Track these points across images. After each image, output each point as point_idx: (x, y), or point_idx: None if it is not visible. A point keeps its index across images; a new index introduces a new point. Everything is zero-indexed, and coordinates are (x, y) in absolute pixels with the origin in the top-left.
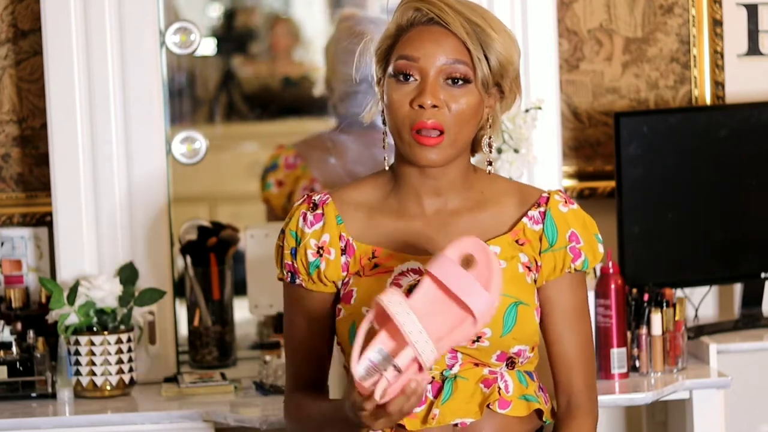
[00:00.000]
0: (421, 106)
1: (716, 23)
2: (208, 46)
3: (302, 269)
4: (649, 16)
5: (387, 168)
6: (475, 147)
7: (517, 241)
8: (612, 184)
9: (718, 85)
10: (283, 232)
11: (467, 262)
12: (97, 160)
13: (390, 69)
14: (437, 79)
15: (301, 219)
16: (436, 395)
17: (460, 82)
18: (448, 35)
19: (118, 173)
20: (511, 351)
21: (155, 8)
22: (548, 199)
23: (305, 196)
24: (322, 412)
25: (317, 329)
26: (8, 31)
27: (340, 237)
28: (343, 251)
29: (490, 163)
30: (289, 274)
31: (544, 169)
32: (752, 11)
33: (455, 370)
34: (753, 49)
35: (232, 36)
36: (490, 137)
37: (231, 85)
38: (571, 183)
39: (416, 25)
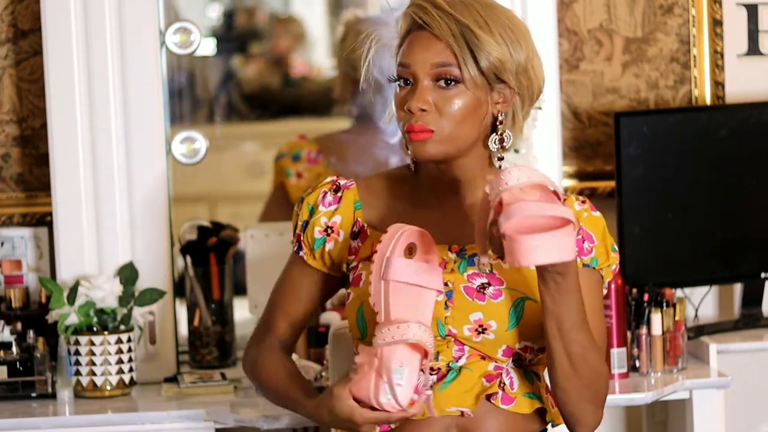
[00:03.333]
0: (410, 110)
1: (716, 23)
2: (208, 46)
3: (307, 243)
4: (649, 16)
5: (411, 166)
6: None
7: None
8: (612, 184)
9: (718, 85)
10: (302, 200)
11: (409, 251)
12: (97, 160)
13: (392, 74)
14: (428, 82)
15: (320, 196)
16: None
17: (452, 83)
18: (436, 39)
19: (118, 173)
20: (517, 347)
21: (155, 8)
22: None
23: (335, 179)
24: (291, 396)
25: (304, 301)
26: (8, 31)
27: (356, 222)
28: (356, 235)
29: (501, 159)
30: (297, 243)
31: (544, 169)
32: (752, 11)
33: (461, 362)
34: (753, 49)
35: (232, 36)
36: (501, 133)
37: (231, 85)
38: (571, 183)
39: (413, 31)
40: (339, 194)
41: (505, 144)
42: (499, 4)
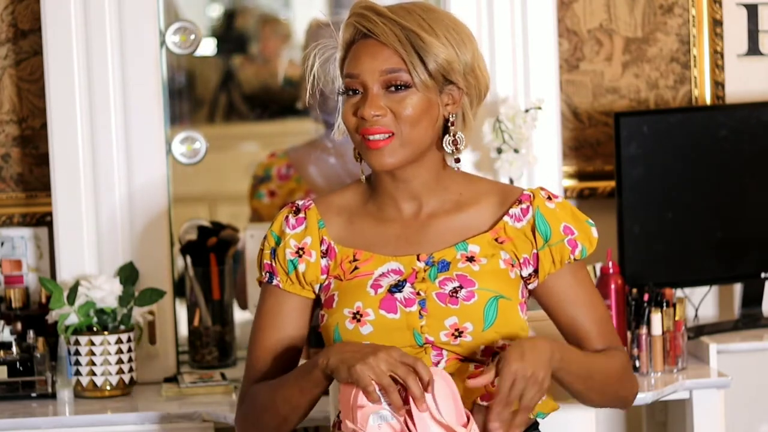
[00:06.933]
0: (363, 117)
1: (716, 23)
2: (208, 46)
3: (280, 269)
4: (649, 16)
5: (363, 179)
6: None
7: (496, 239)
8: (612, 184)
9: (718, 85)
10: (265, 236)
11: None
12: (97, 160)
13: (340, 87)
14: (378, 90)
15: (283, 222)
16: None
17: (402, 88)
18: (383, 46)
19: (118, 173)
20: (496, 346)
21: (155, 8)
22: (531, 197)
23: (291, 203)
24: (283, 377)
25: (287, 335)
26: (8, 31)
27: (322, 240)
28: (325, 254)
29: (458, 161)
30: (267, 274)
31: (544, 169)
32: (752, 11)
33: (441, 366)
34: (753, 49)
35: (232, 36)
36: (454, 134)
37: (231, 85)
38: (571, 183)
39: (356, 41)
40: (301, 215)
41: (459, 146)
42: (439, 8)
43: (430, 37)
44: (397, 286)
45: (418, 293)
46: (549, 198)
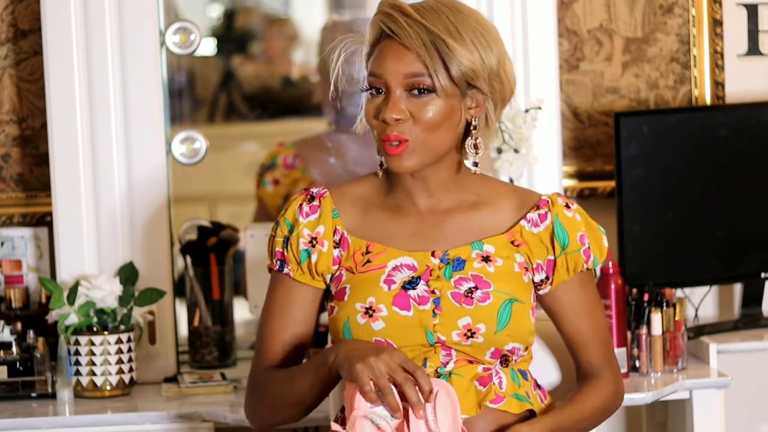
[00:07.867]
0: (385, 121)
1: (716, 23)
2: (208, 46)
3: (292, 258)
4: (649, 16)
5: (380, 173)
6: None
7: (512, 242)
8: (612, 184)
9: (718, 85)
10: (277, 223)
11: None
12: (97, 160)
13: (364, 84)
14: (400, 92)
15: (297, 209)
16: None
17: (425, 92)
18: (407, 49)
19: (118, 173)
20: (506, 348)
21: (155, 8)
22: (549, 203)
23: (304, 190)
24: (293, 369)
25: (296, 325)
26: (8, 31)
27: (335, 230)
28: (337, 245)
29: (476, 164)
30: (278, 262)
31: (544, 169)
32: (752, 11)
33: (449, 367)
34: (753, 49)
35: (232, 36)
36: (476, 139)
37: (231, 85)
38: (571, 183)
39: (382, 39)
40: (315, 203)
41: (479, 151)
42: (467, 7)
43: (456, 42)
44: (411, 283)
45: (432, 291)
46: (567, 206)
